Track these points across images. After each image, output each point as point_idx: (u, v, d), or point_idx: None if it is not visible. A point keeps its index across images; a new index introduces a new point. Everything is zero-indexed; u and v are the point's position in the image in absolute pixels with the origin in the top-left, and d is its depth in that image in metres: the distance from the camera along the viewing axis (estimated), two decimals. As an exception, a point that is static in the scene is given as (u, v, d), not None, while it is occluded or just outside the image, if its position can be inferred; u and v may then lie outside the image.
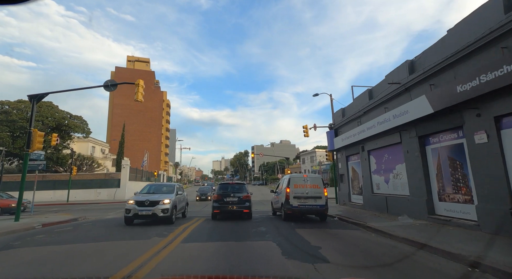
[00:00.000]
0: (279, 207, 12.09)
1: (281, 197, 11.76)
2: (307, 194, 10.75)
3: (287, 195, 10.86)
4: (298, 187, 10.87)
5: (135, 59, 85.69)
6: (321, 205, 10.72)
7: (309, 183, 10.93)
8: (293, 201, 10.72)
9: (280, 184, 13.23)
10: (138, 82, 12.51)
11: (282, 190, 11.74)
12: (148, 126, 79.73)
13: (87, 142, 53.66)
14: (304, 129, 23.77)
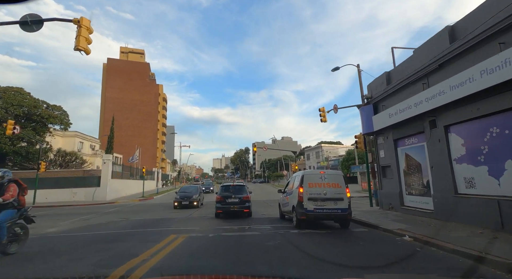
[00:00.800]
0: (289, 211, 10.05)
1: (292, 198, 9.69)
2: (325, 195, 8.72)
3: (300, 196, 8.79)
4: (313, 186, 8.85)
5: (129, 51, 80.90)
6: (343, 208, 8.64)
7: (328, 181, 8.91)
8: (307, 204, 8.66)
9: (290, 182, 10.97)
10: (81, 21, 7.82)
11: (294, 190, 9.61)
12: (143, 121, 75.07)
13: (73, 137, 49.12)
14: (321, 112, 19.12)
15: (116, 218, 13.07)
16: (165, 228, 9.42)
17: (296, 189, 9.13)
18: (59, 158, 35.29)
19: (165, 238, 7.35)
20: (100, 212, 16.29)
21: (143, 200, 26.05)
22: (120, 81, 72.81)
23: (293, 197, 9.30)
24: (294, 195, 9.26)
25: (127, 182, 33.40)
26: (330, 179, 8.92)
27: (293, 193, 9.52)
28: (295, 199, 9.02)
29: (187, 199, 17.01)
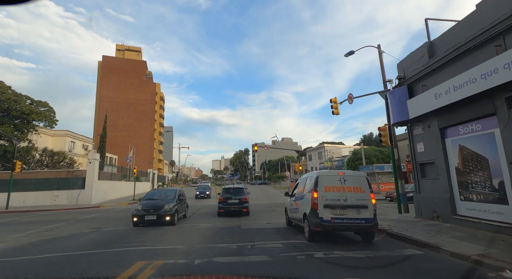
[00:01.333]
0: (298, 218, 8.44)
1: (303, 204, 8.06)
2: (346, 202, 7.09)
3: (314, 202, 7.17)
4: (331, 190, 7.24)
5: (125, 48, 78.49)
6: (367, 218, 6.98)
7: (348, 185, 7.32)
8: (323, 212, 7.03)
9: (299, 184, 9.23)
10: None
11: (305, 194, 7.99)
12: (139, 120, 72.60)
13: (64, 137, 46.60)
14: (333, 103, 16.78)
15: (87, 228, 10.58)
16: (137, 246, 6.92)
17: (309, 193, 7.47)
18: (46, 158, 32.75)
19: (127, 268, 4.84)
20: (76, 219, 13.79)
21: (133, 204, 23.49)
22: (115, 79, 70.40)
23: (305, 203, 7.70)
24: (306, 201, 7.64)
25: (118, 184, 30.87)
26: (351, 181, 7.26)
27: (304, 198, 7.89)
28: (307, 206, 7.41)
29: (154, 212, 10.22)
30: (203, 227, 9.96)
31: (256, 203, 21.36)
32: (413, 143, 9.78)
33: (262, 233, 8.63)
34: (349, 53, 16.22)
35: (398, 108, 9.70)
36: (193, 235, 8.40)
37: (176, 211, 10.97)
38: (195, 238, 7.94)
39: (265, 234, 8.46)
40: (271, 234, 8.38)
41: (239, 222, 11.29)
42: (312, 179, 7.65)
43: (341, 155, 61.76)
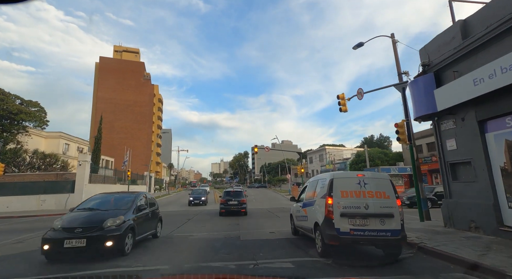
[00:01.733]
0: (308, 228, 7.12)
1: (313, 212, 6.71)
2: (367, 210, 5.74)
3: (329, 210, 5.83)
4: (348, 195, 5.91)
5: (123, 49, 77.36)
6: (394, 230, 5.61)
7: (370, 189, 5.96)
8: (340, 223, 5.68)
9: (308, 188, 7.89)
10: None
11: (316, 200, 6.69)
12: (137, 122, 71.20)
13: (58, 138, 45.24)
14: (340, 100, 15.44)
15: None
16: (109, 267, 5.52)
17: (322, 199, 6.25)
18: (38, 161, 31.31)
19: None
20: (57, 227, 12.34)
21: (126, 209, 22.07)
22: (113, 80, 69.17)
23: (316, 210, 6.49)
24: (317, 208, 6.44)
25: (111, 187, 29.39)
26: (373, 185, 6.02)
27: (315, 204, 6.67)
28: (319, 214, 6.21)
29: (83, 232, 5.96)
30: (196, 238, 8.55)
31: (256, 208, 19.93)
32: (441, 139, 8.42)
33: (265, 246, 7.25)
34: (358, 45, 14.98)
35: (422, 100, 8.38)
36: (183, 250, 7.00)
37: (131, 230, 6.52)
38: (184, 254, 6.55)
39: (270, 247, 7.08)
40: (277, 248, 7.00)
41: (239, 230, 9.91)
42: (325, 182, 6.39)
43: (342, 158, 60.43)
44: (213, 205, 23.12)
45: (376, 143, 72.54)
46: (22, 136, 29.65)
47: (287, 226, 10.60)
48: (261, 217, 14.29)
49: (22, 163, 29.80)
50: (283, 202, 26.28)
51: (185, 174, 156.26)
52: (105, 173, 30.68)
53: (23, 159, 30.12)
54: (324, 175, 7.02)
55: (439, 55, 8.10)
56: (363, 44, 14.86)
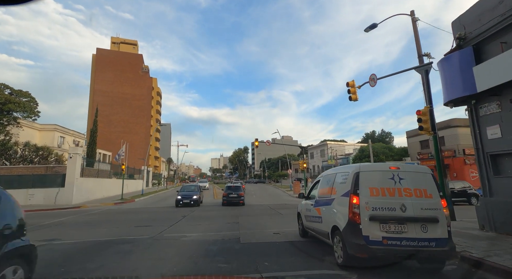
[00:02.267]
0: (323, 232, 5.71)
1: (332, 213, 5.35)
2: (404, 213, 4.49)
3: (354, 212, 4.59)
4: (379, 194, 4.67)
5: (121, 41, 75.54)
6: (440, 239, 4.37)
7: (407, 185, 4.72)
8: (370, 228, 4.43)
9: (322, 183, 6.55)
10: None
11: (336, 198, 5.36)
12: (135, 116, 69.84)
13: (53, 131, 43.99)
14: (350, 87, 14.16)
15: (40, 239, 7.98)
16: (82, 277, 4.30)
17: (343, 197, 5.04)
18: (30, 154, 30.08)
19: None
20: (38, 224, 11.26)
21: (120, 204, 20.95)
22: (110, 73, 67.58)
23: (336, 211, 5.26)
24: (338, 209, 5.19)
25: (106, 181, 28.25)
26: (411, 180, 4.80)
27: (334, 203, 5.43)
28: (340, 216, 4.98)
29: None
30: (189, 241, 7.34)
31: (257, 204, 18.75)
32: (479, 127, 7.16)
33: (270, 251, 6.04)
34: (371, 26, 13.64)
35: (456, 80, 7.10)
36: (172, 255, 5.78)
37: None
38: (173, 262, 5.33)
39: (275, 253, 5.88)
40: (284, 254, 5.80)
41: (238, 230, 8.71)
42: (347, 176, 5.15)
43: (344, 153, 59.27)
44: (212, 202, 21.95)
45: (377, 139, 71.30)
46: (13, 127, 28.34)
47: (292, 225, 9.41)
48: (262, 215, 13.11)
49: (14, 156, 28.60)
50: (284, 197, 25.13)
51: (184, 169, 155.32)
52: (101, 167, 29.49)
53: (14, 151, 28.89)
54: (345, 167, 5.79)
55: (480, 25, 6.80)
56: (376, 25, 13.53)
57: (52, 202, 20.31)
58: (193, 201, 17.76)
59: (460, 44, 7.26)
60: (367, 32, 13.89)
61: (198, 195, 18.46)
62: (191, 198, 17.81)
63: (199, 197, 18.93)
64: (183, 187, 20.79)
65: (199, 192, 19.42)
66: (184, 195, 18.02)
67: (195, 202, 17.88)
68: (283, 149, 63.11)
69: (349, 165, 5.78)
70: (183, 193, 18.41)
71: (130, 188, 35.60)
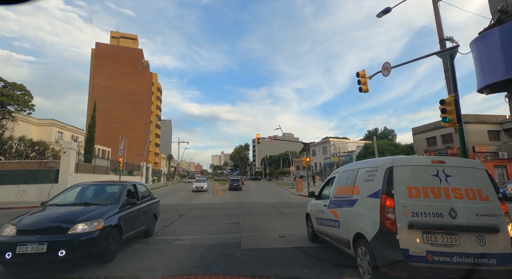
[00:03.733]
0: (342, 240, 4.66)
1: (353, 217, 4.40)
2: (455, 219, 3.44)
3: (388, 217, 3.58)
4: (421, 195, 3.63)
5: (120, 35, 74.45)
6: (502, 255, 3.26)
7: (456, 185, 3.67)
8: (409, 239, 3.41)
9: (339, 180, 5.46)
10: None
11: (359, 198, 4.35)
12: (134, 112, 68.95)
13: (50, 126, 43.15)
14: (361, 78, 13.26)
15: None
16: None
17: (372, 199, 3.97)
18: (26, 148, 29.22)
19: None
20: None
21: (115, 201, 20.01)
22: (109, 68, 66.56)
23: (360, 215, 4.25)
24: (364, 213, 4.15)
25: (102, 177, 27.34)
26: (461, 178, 3.76)
27: (357, 205, 4.38)
28: (367, 222, 3.98)
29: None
30: (183, 245, 6.39)
31: (259, 202, 17.81)
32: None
33: (276, 260, 5.10)
34: (384, 11, 12.66)
35: (496, 61, 6.06)
36: (160, 265, 4.83)
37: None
38: (159, 274, 4.37)
39: (283, 263, 4.94)
40: (293, 264, 4.86)
41: (239, 232, 7.76)
42: (375, 172, 4.13)
43: (347, 150, 58.24)
44: (212, 200, 21.04)
45: (380, 136, 70.23)
46: (8, 122, 27.45)
47: (298, 227, 8.47)
48: (264, 214, 12.16)
49: (9, 150, 27.75)
50: (287, 195, 24.20)
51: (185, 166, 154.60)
52: (98, 163, 28.64)
53: (10, 146, 28.05)
54: (371, 161, 4.73)
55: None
56: (390, 9, 12.54)
57: (45, 199, 19.41)
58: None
59: (501, 18, 6.21)
60: (379, 17, 12.90)
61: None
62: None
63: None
64: None
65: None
66: None
67: None
68: (284, 146, 62.06)
69: (376, 159, 4.75)
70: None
71: (127, 184, 34.79)
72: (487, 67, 6.31)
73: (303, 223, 9.35)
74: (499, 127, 29.88)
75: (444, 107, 8.44)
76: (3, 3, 1.41)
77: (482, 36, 6.58)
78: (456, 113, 8.38)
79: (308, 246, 6.20)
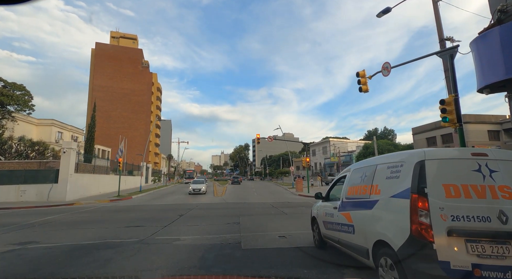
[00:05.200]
0: (358, 248, 3.93)
1: (372, 221, 3.67)
2: (506, 225, 2.69)
3: (421, 221, 2.88)
4: (461, 194, 2.91)
5: (120, 35, 74.43)
6: None
7: (503, 182, 2.92)
8: (449, 250, 2.70)
9: (351, 179, 4.82)
10: None
11: (380, 199, 3.64)
12: (134, 112, 68.95)
13: (50, 126, 43.17)
14: (360, 78, 13.27)
15: (16, 241, 7.09)
16: None
17: (398, 199, 3.35)
18: (26, 148, 29.23)
19: None
20: (23, 223, 10.33)
21: (116, 201, 20.05)
22: (109, 68, 66.58)
23: (383, 219, 3.57)
24: (387, 216, 3.51)
25: (103, 177, 27.40)
26: (508, 174, 3.07)
27: (378, 207, 3.72)
28: (393, 228, 3.31)
29: None
30: (183, 245, 6.39)
31: (259, 202, 17.80)
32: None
33: (277, 260, 5.11)
34: (384, 11, 12.66)
35: (495, 61, 6.08)
36: (159, 265, 4.83)
37: None
38: (158, 274, 4.37)
39: (284, 263, 4.94)
40: (293, 264, 4.87)
41: (239, 232, 7.75)
42: (401, 168, 3.51)
43: (347, 150, 58.25)
44: (212, 200, 21.05)
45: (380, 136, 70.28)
46: (8, 122, 27.45)
47: (298, 227, 8.47)
48: (265, 214, 12.16)
49: (9, 151, 27.76)
50: (287, 195, 24.19)
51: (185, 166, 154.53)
52: (98, 163, 28.61)
53: (9, 146, 28.05)
54: (394, 155, 3.95)
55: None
56: (390, 9, 12.55)
57: (45, 199, 19.47)
58: None
59: (500, 18, 6.22)
60: (379, 17, 12.93)
61: None
62: None
63: None
64: None
65: None
66: None
67: None
68: (284, 146, 62.11)
69: (400, 152, 3.94)
70: None
71: (128, 184, 34.79)
72: (487, 67, 6.31)
73: (303, 223, 9.36)
74: (499, 127, 29.91)
75: (444, 107, 8.44)
76: (3, 3, 1.42)
77: (482, 36, 6.59)
78: (456, 113, 8.38)
79: (308, 246, 6.19)
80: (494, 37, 6.18)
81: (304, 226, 8.56)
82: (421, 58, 10.23)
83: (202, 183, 26.73)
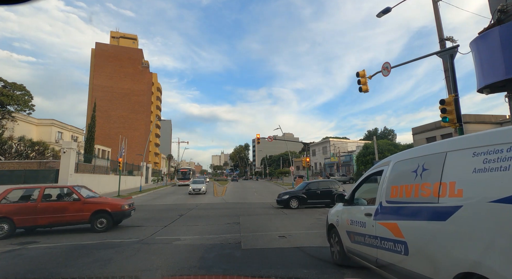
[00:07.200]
0: (411, 275, 2.62)
1: (464, 240, 2.14)
2: None
3: None
4: None
5: (120, 35, 74.42)
6: None
7: None
8: None
9: (397, 176, 3.32)
10: None
11: (467, 206, 2.16)
12: (134, 112, 68.93)
13: (50, 126, 43.14)
14: (360, 78, 13.24)
15: (17, 242, 7.07)
16: None
17: (510, 205, 1.89)
18: (26, 149, 29.21)
19: None
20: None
21: (115, 201, 19.99)
22: (109, 68, 66.57)
23: (475, 238, 2.13)
24: (484, 234, 2.06)
25: (103, 177, 27.41)
26: None
27: (456, 218, 2.35)
28: (493, 252, 1.93)
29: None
30: (182, 245, 6.39)
31: (259, 202, 17.82)
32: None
33: (276, 260, 5.12)
34: (384, 11, 12.66)
35: (495, 61, 6.07)
36: (159, 266, 4.83)
37: None
38: (158, 274, 4.37)
39: (282, 262, 4.97)
40: (293, 264, 4.89)
41: (239, 232, 7.75)
42: (509, 153, 2.04)
43: (347, 150, 58.25)
44: (212, 200, 21.04)
45: (380, 136, 70.27)
46: (8, 122, 27.45)
47: (298, 227, 8.47)
48: (265, 214, 12.15)
49: (9, 151, 27.75)
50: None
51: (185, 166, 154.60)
52: (98, 163, 28.63)
53: (9, 146, 28.04)
54: (489, 134, 2.55)
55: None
56: (390, 9, 12.56)
57: (45, 199, 19.44)
58: None
59: (500, 18, 6.22)
60: (379, 17, 12.92)
61: None
62: None
63: None
64: None
65: None
66: None
67: None
68: (284, 146, 62.12)
69: (498, 130, 2.50)
70: None
71: (128, 184, 34.77)
72: (487, 67, 6.31)
73: (303, 223, 9.37)
74: (499, 127, 29.90)
75: (444, 107, 8.44)
76: (3, 3, 1.42)
77: (482, 36, 6.59)
78: (456, 113, 8.38)
79: (308, 246, 6.19)
80: (494, 37, 6.19)
81: (304, 226, 8.56)
82: (421, 58, 10.24)
83: (202, 183, 26.76)
